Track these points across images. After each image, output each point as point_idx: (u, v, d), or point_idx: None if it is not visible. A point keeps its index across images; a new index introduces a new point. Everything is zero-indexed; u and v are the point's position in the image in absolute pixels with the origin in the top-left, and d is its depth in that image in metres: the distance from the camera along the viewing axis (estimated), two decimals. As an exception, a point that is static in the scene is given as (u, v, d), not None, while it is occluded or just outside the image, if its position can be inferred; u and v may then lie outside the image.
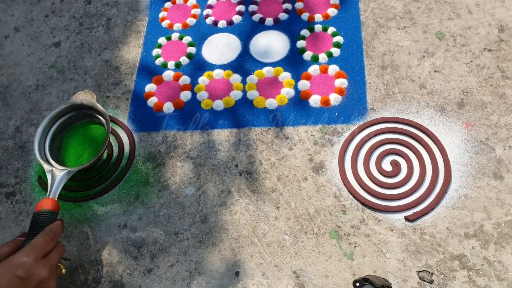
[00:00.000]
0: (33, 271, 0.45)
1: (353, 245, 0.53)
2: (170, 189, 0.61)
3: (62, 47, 0.77)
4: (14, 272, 0.44)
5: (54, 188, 0.55)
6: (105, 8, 0.80)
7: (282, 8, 0.75)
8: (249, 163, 0.61)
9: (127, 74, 0.72)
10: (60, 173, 0.56)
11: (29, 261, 0.45)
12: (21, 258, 0.45)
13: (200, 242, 0.56)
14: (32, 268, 0.45)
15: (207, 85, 0.69)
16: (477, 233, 0.51)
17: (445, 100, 0.61)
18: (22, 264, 0.45)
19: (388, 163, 0.58)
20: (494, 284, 0.48)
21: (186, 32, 0.75)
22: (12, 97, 0.73)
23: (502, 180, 0.54)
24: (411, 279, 0.50)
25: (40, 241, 0.48)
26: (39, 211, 0.52)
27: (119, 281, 0.55)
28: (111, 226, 0.59)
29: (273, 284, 0.52)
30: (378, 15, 0.70)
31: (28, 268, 0.45)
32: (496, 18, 0.66)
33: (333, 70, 0.67)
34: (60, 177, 0.55)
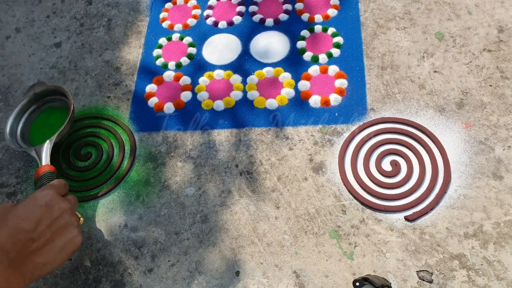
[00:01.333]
0: (54, 201, 0.47)
1: (353, 245, 0.53)
2: (170, 189, 0.61)
3: (63, 47, 0.77)
4: (39, 202, 0.46)
5: (43, 158, 0.58)
6: (106, 9, 0.81)
7: (282, 8, 0.75)
8: (250, 163, 0.61)
9: (128, 75, 0.72)
10: (43, 146, 0.59)
11: (50, 192, 0.47)
12: (43, 192, 0.47)
13: (201, 241, 0.56)
14: (54, 198, 0.47)
15: (207, 86, 0.69)
16: (477, 233, 0.52)
17: (445, 101, 0.61)
18: (44, 195, 0.47)
19: (388, 163, 0.58)
20: (493, 283, 0.49)
21: (187, 33, 0.76)
22: (13, 97, 0.73)
23: (502, 180, 0.54)
24: (411, 278, 0.50)
25: (55, 183, 0.50)
26: (40, 175, 0.55)
27: (119, 280, 0.55)
28: (112, 226, 0.59)
29: (273, 284, 0.52)
30: (378, 16, 0.70)
31: (50, 198, 0.46)
32: (496, 18, 0.66)
33: (333, 70, 0.67)
34: (44, 148, 0.59)
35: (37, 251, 0.43)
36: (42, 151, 0.59)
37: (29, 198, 0.46)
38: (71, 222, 0.47)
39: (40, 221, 0.44)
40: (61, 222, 0.46)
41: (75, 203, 0.52)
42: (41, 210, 0.45)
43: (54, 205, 0.46)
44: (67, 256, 0.46)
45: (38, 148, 0.59)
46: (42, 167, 0.57)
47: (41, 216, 0.44)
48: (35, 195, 0.47)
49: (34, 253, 0.43)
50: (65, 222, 0.47)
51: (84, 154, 0.65)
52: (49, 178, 0.55)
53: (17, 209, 0.44)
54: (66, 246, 0.46)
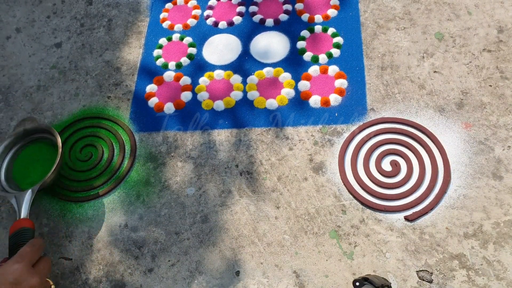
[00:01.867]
0: (24, 277, 0.45)
1: (353, 245, 0.53)
2: (171, 189, 0.61)
3: (63, 47, 0.78)
4: (6, 278, 0.44)
5: (23, 209, 0.54)
6: (106, 9, 0.81)
7: (282, 9, 0.75)
8: (250, 163, 0.61)
9: (128, 75, 0.73)
10: (24, 194, 0.55)
11: (19, 267, 0.45)
12: (12, 266, 0.45)
13: (201, 241, 0.57)
14: (23, 274, 0.45)
15: (207, 86, 0.69)
16: (476, 232, 0.52)
17: (445, 101, 0.61)
18: (13, 270, 0.45)
19: (387, 163, 0.58)
20: (493, 283, 0.49)
21: (187, 33, 0.76)
22: (14, 97, 0.74)
23: (501, 180, 0.54)
24: (411, 278, 0.50)
25: (26, 250, 0.48)
26: (16, 231, 0.51)
27: (120, 280, 0.55)
28: (112, 226, 0.59)
29: (274, 284, 0.53)
30: (378, 16, 0.71)
31: (19, 274, 0.44)
32: (495, 19, 0.66)
33: (333, 70, 0.67)
34: (26, 198, 0.55)
35: None
36: (22, 201, 0.54)
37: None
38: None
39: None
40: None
41: (48, 269, 0.49)
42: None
43: (23, 281, 0.44)
44: None
45: (19, 196, 0.55)
46: (19, 221, 0.52)
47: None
48: (5, 270, 0.45)
49: None
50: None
51: (84, 154, 0.66)
52: (25, 237, 0.51)
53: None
54: None
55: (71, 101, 0.71)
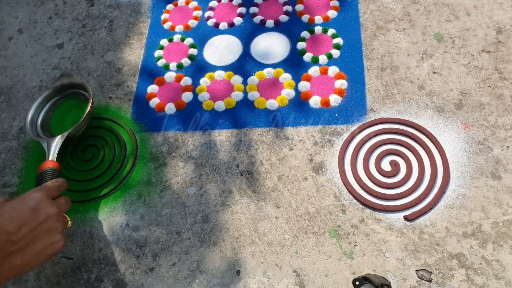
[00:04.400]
0: (42, 204, 0.47)
1: (352, 244, 0.54)
2: (172, 189, 0.61)
3: (65, 48, 0.78)
4: (26, 204, 0.46)
5: (52, 152, 0.59)
6: (108, 10, 0.81)
7: (282, 10, 0.76)
8: (250, 163, 0.62)
9: (130, 75, 0.73)
10: (54, 140, 0.61)
11: (39, 195, 0.47)
12: (32, 193, 0.47)
13: (202, 241, 0.57)
14: (42, 202, 0.47)
15: (208, 86, 0.70)
16: (475, 232, 0.52)
17: (444, 101, 0.62)
18: (33, 197, 0.47)
19: (387, 163, 0.59)
20: (492, 282, 0.49)
21: (188, 34, 0.76)
22: (16, 98, 0.74)
23: (500, 180, 0.55)
24: (410, 277, 0.51)
25: (47, 184, 0.50)
26: (42, 170, 0.55)
27: (121, 279, 0.56)
28: (113, 226, 0.60)
29: (274, 283, 0.53)
30: (378, 17, 0.71)
31: (38, 201, 0.46)
32: (494, 20, 0.67)
33: (333, 71, 0.67)
34: (55, 142, 0.60)
35: (16, 252, 0.44)
36: (51, 145, 0.60)
37: (19, 198, 0.47)
38: (55, 227, 0.47)
39: (24, 224, 0.44)
40: (45, 227, 0.46)
41: (67, 206, 0.52)
42: (27, 212, 0.45)
43: (41, 208, 0.46)
44: (44, 260, 0.47)
45: (49, 141, 0.60)
46: (46, 162, 0.57)
47: (26, 219, 0.45)
48: (25, 196, 0.47)
49: (13, 254, 0.44)
50: (48, 227, 0.47)
51: (86, 154, 0.66)
52: (49, 175, 0.55)
53: (4, 208, 0.45)
54: (44, 250, 0.46)
55: (72, 102, 0.72)
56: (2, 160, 0.68)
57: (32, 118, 0.66)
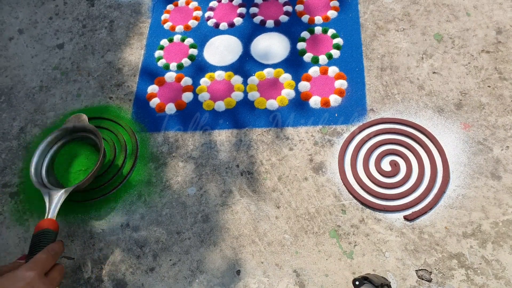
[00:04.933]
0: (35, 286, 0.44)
1: (352, 244, 0.54)
2: (172, 189, 0.61)
3: (65, 48, 0.78)
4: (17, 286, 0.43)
5: (52, 209, 0.55)
6: (108, 11, 0.81)
7: (282, 10, 0.76)
8: (250, 163, 0.62)
9: (130, 76, 0.73)
10: (57, 193, 0.56)
11: (31, 275, 0.45)
12: (24, 273, 0.45)
13: (202, 241, 0.57)
14: (34, 283, 0.44)
15: (208, 86, 0.70)
16: (475, 232, 0.52)
17: (444, 101, 0.62)
18: (25, 278, 0.44)
19: (387, 163, 0.59)
20: (491, 282, 0.49)
21: (188, 34, 0.76)
22: (17, 98, 0.74)
23: (500, 180, 0.55)
24: (410, 277, 0.51)
25: (41, 258, 0.47)
26: (39, 232, 0.52)
27: (121, 279, 0.56)
28: (114, 226, 0.60)
29: (274, 283, 0.53)
30: (378, 17, 0.71)
31: (30, 282, 0.44)
32: (494, 20, 0.67)
33: (333, 71, 0.67)
34: (57, 197, 0.56)
35: None
36: (53, 201, 0.56)
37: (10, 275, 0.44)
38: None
39: None
40: None
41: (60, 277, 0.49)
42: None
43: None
44: None
45: (52, 194, 0.56)
46: (44, 221, 0.53)
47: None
48: (17, 275, 0.44)
49: None
50: None
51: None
52: (46, 239, 0.51)
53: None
54: None
55: (73, 102, 0.72)
56: (3, 160, 0.68)
57: (37, 163, 0.61)
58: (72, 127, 0.64)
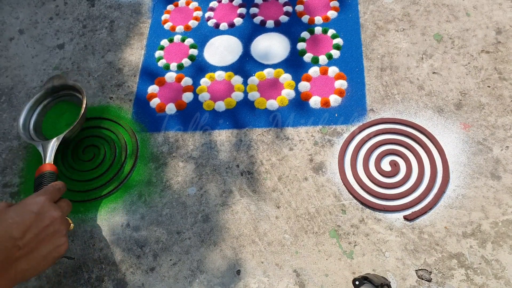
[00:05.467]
0: (46, 208, 0.47)
1: (352, 244, 0.54)
2: (172, 189, 0.62)
3: (66, 49, 0.78)
4: (30, 208, 0.46)
5: (48, 155, 0.59)
6: (108, 11, 0.81)
7: (282, 10, 0.76)
8: (250, 163, 0.62)
9: (130, 76, 0.73)
10: (50, 142, 0.60)
11: (42, 199, 0.47)
12: (35, 198, 0.47)
13: (202, 241, 0.57)
14: (46, 206, 0.47)
15: (208, 87, 0.70)
16: (475, 232, 0.52)
17: (443, 101, 0.62)
18: (36, 202, 0.47)
19: (387, 163, 0.59)
20: (491, 282, 0.49)
21: (188, 34, 0.76)
22: (17, 98, 0.74)
23: (500, 180, 0.55)
24: (410, 277, 0.51)
25: (49, 188, 0.50)
26: (40, 174, 0.55)
27: (122, 279, 0.56)
28: (114, 226, 0.60)
29: (274, 283, 0.53)
30: (377, 18, 0.71)
31: (41, 205, 0.47)
32: (494, 20, 0.67)
33: (333, 71, 0.68)
34: (51, 145, 0.60)
35: (22, 258, 0.44)
36: (48, 148, 0.59)
37: (21, 203, 0.47)
38: (59, 230, 0.47)
39: (28, 229, 0.44)
40: (50, 230, 0.46)
41: (68, 208, 0.52)
42: (31, 217, 0.45)
43: (45, 212, 0.46)
44: (50, 263, 0.47)
45: (45, 144, 0.60)
46: (44, 165, 0.57)
47: (30, 224, 0.44)
48: (28, 201, 0.47)
49: (19, 260, 0.43)
50: (53, 231, 0.46)
51: (87, 154, 0.66)
52: (48, 178, 0.55)
53: (8, 213, 0.45)
54: (50, 253, 0.46)
55: (73, 102, 0.72)
56: (3, 160, 0.68)
57: (24, 122, 0.66)
58: (51, 87, 0.68)
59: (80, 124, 0.63)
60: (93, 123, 0.69)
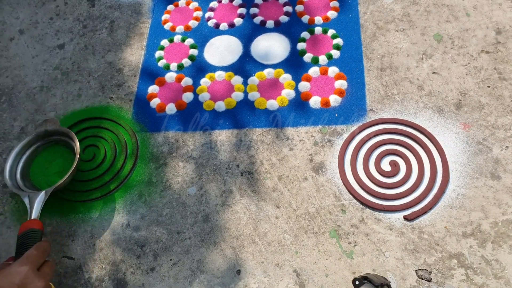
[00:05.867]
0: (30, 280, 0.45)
1: (352, 244, 0.54)
2: (172, 189, 0.62)
3: (66, 49, 0.78)
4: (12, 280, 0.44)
5: (35, 210, 0.55)
6: (109, 11, 0.81)
7: (282, 10, 0.76)
8: (250, 163, 0.62)
9: (130, 76, 0.73)
10: (37, 195, 0.56)
11: (25, 269, 0.45)
12: (18, 268, 0.45)
13: (202, 241, 0.57)
14: (29, 277, 0.45)
15: (209, 87, 0.70)
16: (475, 232, 0.52)
17: (443, 101, 0.62)
18: (19, 272, 0.45)
19: (387, 163, 0.59)
20: (491, 282, 0.49)
21: (188, 35, 0.76)
22: (17, 98, 0.74)
23: (499, 180, 0.55)
24: (410, 277, 0.51)
25: (32, 253, 0.48)
26: (24, 232, 0.51)
27: (122, 279, 0.56)
28: (114, 225, 0.60)
29: (274, 283, 0.53)
30: (377, 18, 0.71)
31: (25, 276, 0.45)
32: (494, 20, 0.67)
33: (333, 71, 0.68)
34: (38, 199, 0.56)
35: None
36: (34, 202, 0.55)
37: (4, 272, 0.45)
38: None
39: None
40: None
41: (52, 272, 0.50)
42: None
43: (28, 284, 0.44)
44: None
45: (32, 196, 0.56)
46: (29, 222, 0.53)
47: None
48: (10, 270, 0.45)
49: None
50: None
51: (87, 154, 0.66)
52: (32, 238, 0.51)
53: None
54: None
55: (73, 102, 0.72)
56: (4, 160, 0.68)
57: (11, 168, 0.61)
58: (44, 131, 0.64)
59: (72, 175, 0.58)
60: (93, 123, 0.69)
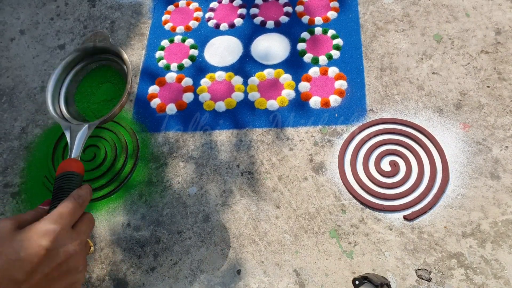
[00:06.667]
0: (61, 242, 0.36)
1: (352, 244, 0.54)
2: (173, 189, 0.62)
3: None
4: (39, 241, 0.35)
5: (75, 147, 0.46)
6: (109, 11, 0.82)
7: (283, 11, 0.76)
8: (251, 163, 0.62)
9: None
10: (80, 128, 0.47)
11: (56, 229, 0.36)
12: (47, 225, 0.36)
13: (203, 241, 0.57)
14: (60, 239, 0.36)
15: (209, 87, 0.70)
16: (474, 232, 0.52)
17: (443, 102, 0.62)
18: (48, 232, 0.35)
19: (387, 163, 0.59)
20: (491, 282, 0.49)
21: (189, 35, 0.77)
22: (18, 98, 0.74)
23: (499, 180, 0.55)
24: (410, 277, 0.51)
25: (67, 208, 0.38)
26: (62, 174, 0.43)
27: (122, 279, 0.56)
28: (115, 225, 0.60)
29: (274, 282, 0.53)
30: (377, 18, 0.71)
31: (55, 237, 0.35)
32: (493, 21, 0.67)
33: (333, 72, 0.68)
34: (80, 133, 0.47)
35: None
36: (76, 136, 0.47)
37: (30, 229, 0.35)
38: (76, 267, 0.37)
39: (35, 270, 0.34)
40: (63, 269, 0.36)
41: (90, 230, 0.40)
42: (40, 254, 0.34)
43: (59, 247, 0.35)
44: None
45: (74, 128, 0.47)
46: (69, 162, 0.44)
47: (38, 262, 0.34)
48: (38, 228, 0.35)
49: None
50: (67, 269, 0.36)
51: (88, 154, 0.66)
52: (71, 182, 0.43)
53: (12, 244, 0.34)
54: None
55: (74, 102, 0.72)
56: (4, 160, 0.68)
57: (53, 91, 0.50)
58: (92, 47, 0.52)
59: (121, 107, 0.48)
60: (94, 123, 0.69)
